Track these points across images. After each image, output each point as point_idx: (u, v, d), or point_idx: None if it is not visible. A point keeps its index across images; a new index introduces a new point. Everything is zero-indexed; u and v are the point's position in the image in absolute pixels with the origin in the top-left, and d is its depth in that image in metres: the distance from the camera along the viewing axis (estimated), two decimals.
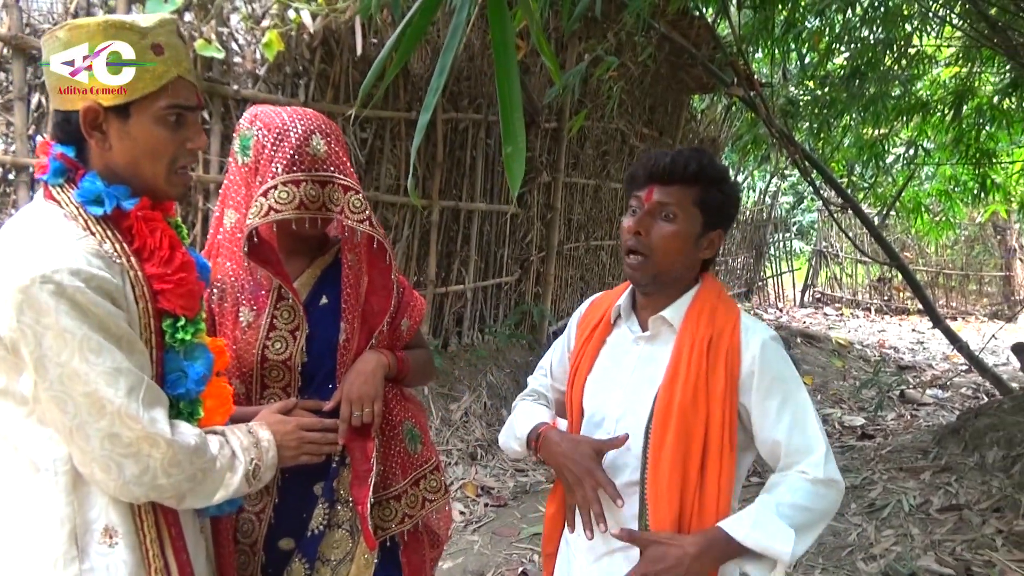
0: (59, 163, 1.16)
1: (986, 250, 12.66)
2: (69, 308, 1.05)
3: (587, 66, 4.16)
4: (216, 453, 1.20)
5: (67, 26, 1.12)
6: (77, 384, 1.06)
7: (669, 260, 1.44)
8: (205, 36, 3.56)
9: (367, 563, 1.56)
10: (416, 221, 4.81)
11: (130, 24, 1.13)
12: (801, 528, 1.31)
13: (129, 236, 1.16)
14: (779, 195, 13.41)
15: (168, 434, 1.12)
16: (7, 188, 3.42)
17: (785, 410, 1.37)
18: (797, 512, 1.32)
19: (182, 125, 1.19)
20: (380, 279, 1.60)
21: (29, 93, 3.37)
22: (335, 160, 1.47)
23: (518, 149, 1.11)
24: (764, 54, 5.57)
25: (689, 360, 1.41)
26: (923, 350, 9.17)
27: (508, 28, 1.15)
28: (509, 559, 3.33)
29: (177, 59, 1.18)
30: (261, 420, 1.38)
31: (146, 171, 1.18)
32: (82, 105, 1.13)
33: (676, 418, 1.37)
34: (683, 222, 1.43)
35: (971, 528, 3.34)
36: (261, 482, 1.30)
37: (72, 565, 1.10)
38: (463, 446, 4.43)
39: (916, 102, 5.50)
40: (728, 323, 1.43)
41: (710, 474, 1.37)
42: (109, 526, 1.13)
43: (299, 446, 1.39)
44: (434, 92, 1.21)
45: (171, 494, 1.15)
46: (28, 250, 1.08)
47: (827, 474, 1.35)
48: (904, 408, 6.16)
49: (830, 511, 1.37)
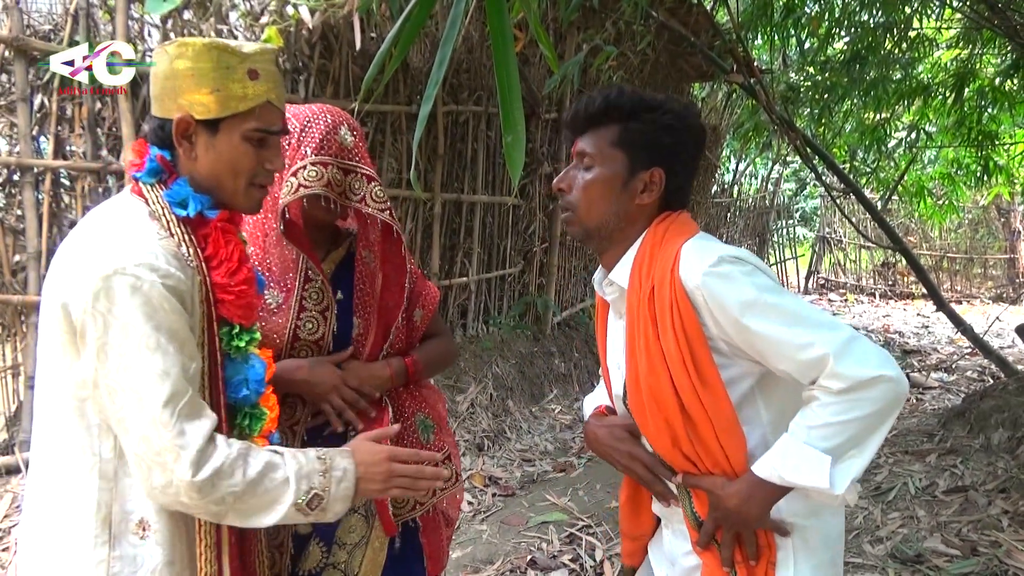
0: (156, 164, 1.23)
1: (990, 233, 12.63)
2: (140, 303, 1.11)
3: (586, 56, 4.15)
4: (254, 478, 1.16)
5: (177, 42, 1.21)
6: (128, 377, 1.11)
7: (594, 211, 1.33)
8: (204, 34, 3.57)
9: (381, 546, 1.60)
10: (419, 214, 4.82)
11: (233, 48, 1.22)
12: (843, 445, 1.16)
13: (204, 243, 1.23)
14: (781, 182, 13.39)
15: (193, 452, 1.11)
16: (12, 189, 3.44)
17: (764, 334, 1.19)
18: (829, 432, 1.16)
19: (264, 146, 1.26)
20: (394, 274, 1.62)
21: (32, 94, 3.38)
22: (359, 153, 1.54)
23: (518, 137, 1.13)
24: (763, 40, 5.56)
25: (638, 324, 1.28)
26: (928, 334, 9.16)
27: (505, 18, 1.17)
28: (518, 548, 3.36)
29: (270, 86, 1.25)
30: (352, 446, 1.31)
31: (226, 184, 1.25)
32: (178, 115, 1.20)
33: (645, 391, 1.28)
34: (601, 167, 1.32)
35: (977, 509, 3.35)
36: (328, 512, 1.23)
37: (102, 548, 1.15)
38: (470, 437, 4.45)
39: (917, 85, 5.49)
40: (666, 268, 1.26)
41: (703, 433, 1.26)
42: (144, 520, 1.17)
43: (387, 479, 1.29)
44: (434, 84, 1.23)
45: (201, 513, 1.16)
46: (113, 241, 1.15)
47: (851, 379, 1.14)
48: (909, 392, 6.16)
49: (880, 410, 1.16)
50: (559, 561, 3.21)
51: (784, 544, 1.29)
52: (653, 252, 1.30)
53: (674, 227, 1.33)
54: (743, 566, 1.28)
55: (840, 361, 1.15)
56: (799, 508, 1.29)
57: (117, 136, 3.50)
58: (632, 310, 1.30)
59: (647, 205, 1.35)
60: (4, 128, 3.42)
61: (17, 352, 3.42)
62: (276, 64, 1.29)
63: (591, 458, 4.51)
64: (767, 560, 1.28)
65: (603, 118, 1.33)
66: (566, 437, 4.91)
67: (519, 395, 5.19)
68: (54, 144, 3.45)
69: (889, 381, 1.15)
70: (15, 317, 3.40)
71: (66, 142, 3.51)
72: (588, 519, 3.60)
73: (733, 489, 1.24)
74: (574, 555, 3.28)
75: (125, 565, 1.16)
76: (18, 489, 3.21)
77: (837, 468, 1.16)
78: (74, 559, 1.15)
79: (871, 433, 1.17)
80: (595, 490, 4.00)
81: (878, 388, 1.15)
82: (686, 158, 1.37)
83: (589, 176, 1.33)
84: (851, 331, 1.19)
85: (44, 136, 3.49)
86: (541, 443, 4.75)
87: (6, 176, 3.43)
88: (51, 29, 3.46)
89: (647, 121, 1.32)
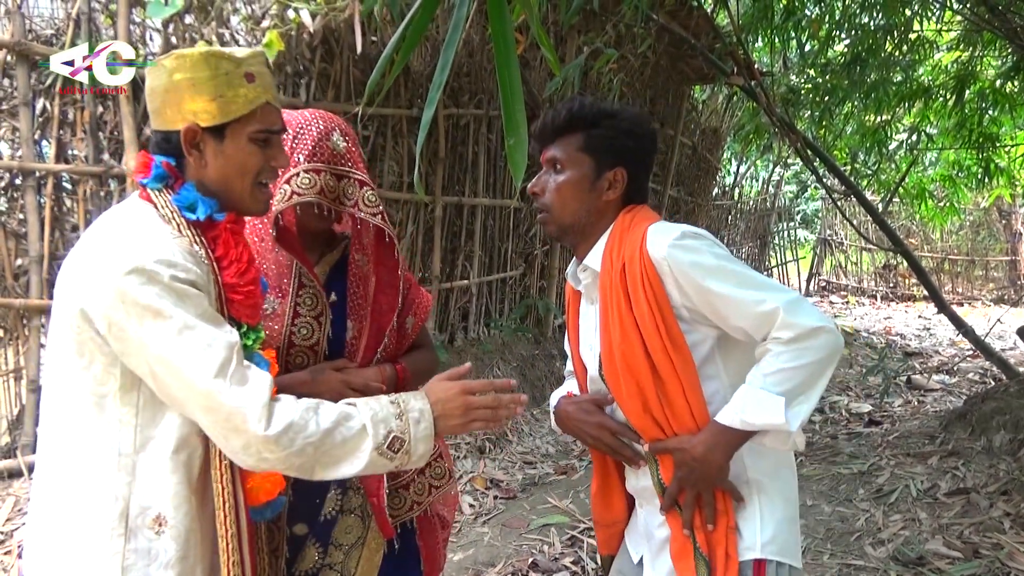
0: (163, 170, 1.26)
1: (991, 235, 12.62)
2: (165, 292, 1.14)
3: (586, 59, 4.16)
4: (331, 426, 1.20)
5: (173, 55, 1.25)
6: (175, 360, 1.14)
7: (567, 209, 1.50)
8: (206, 38, 3.58)
9: (377, 547, 1.62)
10: (420, 217, 4.83)
11: (228, 55, 1.26)
12: (795, 390, 1.31)
13: (214, 245, 1.26)
14: (782, 184, 13.39)
15: (258, 408, 1.15)
16: (14, 193, 3.45)
17: (724, 295, 1.35)
18: (782, 377, 1.31)
19: (268, 145, 1.31)
20: (388, 277, 1.63)
21: (33, 99, 3.39)
22: (352, 157, 1.56)
23: (520, 140, 1.13)
24: (764, 43, 5.56)
25: (612, 299, 1.43)
26: (929, 336, 9.15)
27: (507, 21, 1.17)
28: (519, 550, 3.36)
29: (265, 87, 1.30)
30: (426, 387, 1.35)
31: (235, 186, 1.29)
32: (183, 125, 1.24)
33: (619, 358, 1.42)
34: (571, 170, 1.49)
35: (979, 511, 3.35)
36: (413, 456, 1.27)
37: (117, 540, 1.18)
38: (471, 440, 4.45)
39: (918, 88, 5.49)
40: (635, 246, 1.42)
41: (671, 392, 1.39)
42: (162, 515, 1.19)
43: (466, 413, 1.32)
44: (437, 88, 1.24)
45: (284, 468, 1.19)
46: (129, 241, 1.18)
47: (798, 328, 1.31)
48: (911, 394, 6.16)
49: (823, 358, 1.33)
50: (561, 564, 3.21)
51: (751, 500, 1.43)
52: (622, 236, 1.46)
53: (639, 215, 1.50)
54: (702, 531, 1.40)
55: (789, 313, 1.32)
56: (763, 466, 1.44)
57: (119, 140, 3.50)
58: (605, 288, 1.45)
59: (613, 200, 1.52)
60: (6, 132, 3.43)
61: (19, 356, 3.43)
62: (268, 66, 1.33)
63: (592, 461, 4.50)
64: (726, 525, 1.40)
65: (569, 128, 1.49)
66: (567, 440, 4.91)
67: None
68: (56, 148, 3.46)
69: (829, 332, 1.32)
70: (17, 321, 3.40)
71: (68, 146, 3.52)
72: (589, 521, 3.60)
73: (698, 439, 1.37)
74: (575, 557, 3.28)
75: (139, 558, 1.18)
76: (20, 493, 3.21)
77: (790, 411, 1.31)
78: (89, 551, 1.17)
79: (816, 379, 1.33)
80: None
81: (820, 338, 1.32)
82: (643, 157, 1.56)
83: (561, 179, 1.50)
84: (798, 294, 1.38)
85: (46, 140, 3.50)
86: (542, 446, 4.75)
87: (8, 180, 3.44)
88: (53, 34, 3.47)
89: (608, 127, 1.49)
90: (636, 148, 1.53)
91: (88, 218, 3.47)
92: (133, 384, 1.19)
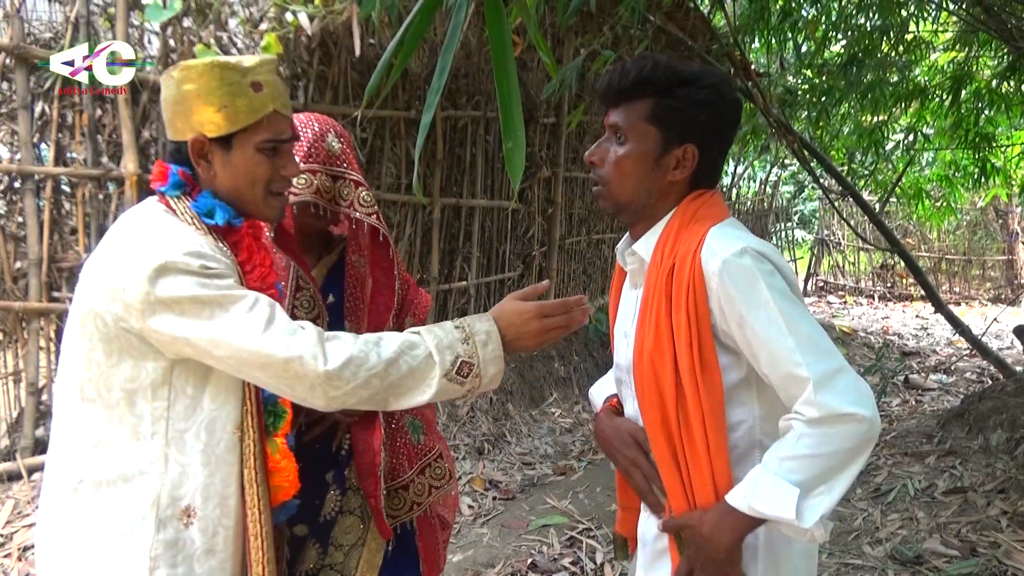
0: (179, 178, 1.28)
1: (988, 234, 12.63)
2: (197, 281, 1.16)
3: (584, 60, 4.17)
4: (393, 356, 1.21)
5: (180, 67, 1.26)
6: (225, 335, 1.16)
7: (625, 186, 1.32)
8: (204, 41, 3.59)
9: (378, 547, 1.62)
10: (418, 219, 4.83)
11: (234, 64, 1.26)
12: (813, 480, 1.16)
13: (236, 250, 1.28)
14: (780, 185, 13.40)
15: (310, 348, 1.16)
16: (13, 196, 3.46)
17: (761, 336, 1.19)
18: (800, 465, 1.16)
19: (277, 154, 1.31)
20: (384, 277, 1.64)
21: (32, 102, 3.40)
22: (347, 159, 1.58)
23: (518, 143, 1.14)
24: (760, 44, 5.57)
25: (653, 298, 1.29)
26: (927, 336, 9.17)
27: (505, 24, 1.18)
28: (518, 551, 3.36)
29: (274, 95, 1.29)
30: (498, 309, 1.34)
31: (246, 195, 1.30)
32: (191, 136, 1.25)
33: (647, 363, 1.28)
34: (634, 143, 1.30)
35: (976, 510, 3.36)
36: (484, 378, 1.26)
37: (148, 529, 1.19)
38: (470, 441, 4.46)
39: (914, 88, 5.50)
40: (690, 248, 1.25)
41: (692, 415, 1.25)
42: (191, 507, 1.21)
43: (540, 335, 1.32)
44: (435, 92, 1.24)
45: (356, 402, 1.21)
46: (155, 237, 1.20)
47: (826, 409, 1.14)
48: (908, 394, 6.17)
49: (852, 448, 1.15)
50: (560, 564, 3.22)
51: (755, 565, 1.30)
52: (679, 231, 1.30)
53: (704, 208, 1.32)
54: None
55: (820, 390, 1.15)
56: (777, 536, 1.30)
57: (117, 143, 3.51)
58: (650, 284, 1.31)
59: (679, 182, 1.33)
60: (5, 135, 3.44)
61: (19, 359, 3.43)
62: (278, 73, 1.33)
63: (591, 461, 4.51)
64: None
65: (637, 91, 1.29)
66: (566, 440, 4.92)
67: (519, 399, 5.20)
68: (55, 151, 3.46)
69: (862, 421, 1.15)
70: (16, 324, 3.41)
71: (67, 149, 3.52)
72: (588, 522, 3.61)
73: (707, 516, 1.24)
74: (574, 558, 3.28)
75: (167, 549, 1.20)
76: (20, 496, 3.21)
77: (806, 503, 1.16)
78: (119, 542, 1.18)
79: (840, 471, 1.17)
80: (595, 493, 4.01)
81: (849, 425, 1.15)
82: (721, 133, 1.35)
83: (622, 151, 1.31)
84: (842, 363, 1.19)
85: (45, 143, 3.50)
86: (541, 446, 4.75)
87: (7, 183, 3.45)
88: (52, 37, 3.47)
89: (681, 97, 1.29)
90: (713, 122, 1.31)
91: (87, 221, 3.47)
92: (164, 379, 1.20)
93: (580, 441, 4.90)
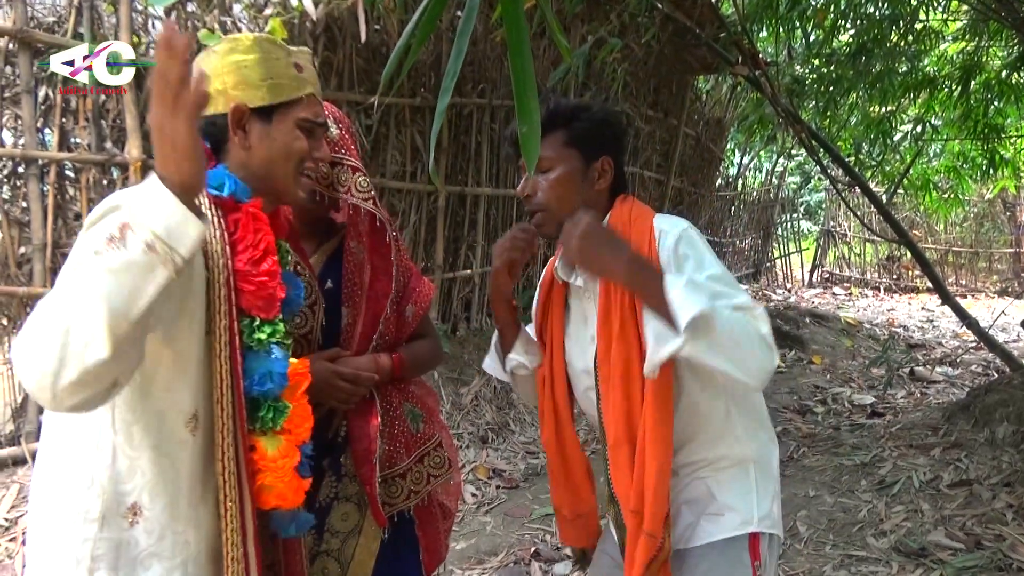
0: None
1: (995, 226, 12.58)
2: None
3: (590, 48, 4.14)
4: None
5: (227, 39, 1.28)
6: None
7: (564, 204, 1.48)
8: (208, 26, 3.57)
9: (375, 535, 1.61)
10: (423, 207, 4.82)
11: (279, 43, 1.31)
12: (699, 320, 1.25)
13: (234, 226, 1.24)
14: (786, 175, 13.34)
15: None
16: (17, 181, 3.45)
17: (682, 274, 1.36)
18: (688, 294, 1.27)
19: (312, 136, 1.33)
20: (382, 263, 1.63)
21: (36, 86, 3.38)
22: (345, 144, 1.57)
23: (533, 128, 1.11)
24: (769, 32, 5.53)
25: (614, 293, 1.42)
26: (932, 328, 9.13)
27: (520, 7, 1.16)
28: (522, 539, 3.37)
29: (312, 79, 1.34)
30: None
31: (279, 171, 1.30)
32: (230, 106, 1.25)
33: (614, 355, 1.41)
34: (560, 166, 1.49)
35: (981, 503, 3.35)
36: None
37: (91, 525, 1.12)
38: (474, 429, 4.46)
39: (923, 78, 5.46)
40: (643, 239, 1.43)
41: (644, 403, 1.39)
42: (137, 504, 1.13)
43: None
44: (451, 76, 1.22)
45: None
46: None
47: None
48: (914, 386, 6.15)
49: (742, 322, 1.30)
50: (563, 553, 3.22)
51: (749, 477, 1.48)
52: (625, 229, 1.46)
53: (636, 208, 1.52)
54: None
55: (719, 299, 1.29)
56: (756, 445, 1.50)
57: (121, 128, 3.50)
58: (609, 283, 1.43)
59: (604, 190, 1.54)
60: (9, 120, 3.43)
61: None
62: (313, 64, 1.38)
63: (594, 450, 4.51)
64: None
65: (549, 126, 1.47)
66: None
67: None
68: (59, 136, 3.45)
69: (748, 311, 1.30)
70: (21, 309, 3.41)
71: (70, 134, 3.51)
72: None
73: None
74: None
75: (109, 548, 1.12)
76: (25, 480, 3.22)
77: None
78: (64, 536, 1.13)
79: (722, 323, 1.27)
80: (598, 482, 4.00)
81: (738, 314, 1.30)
82: (621, 144, 1.60)
83: (553, 176, 1.49)
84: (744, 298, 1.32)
85: (48, 128, 3.49)
86: None
87: (11, 168, 3.44)
88: (55, 21, 3.46)
89: (587, 119, 1.51)
90: (615, 136, 1.57)
91: (91, 206, 3.46)
92: None
93: (583, 431, 4.90)
